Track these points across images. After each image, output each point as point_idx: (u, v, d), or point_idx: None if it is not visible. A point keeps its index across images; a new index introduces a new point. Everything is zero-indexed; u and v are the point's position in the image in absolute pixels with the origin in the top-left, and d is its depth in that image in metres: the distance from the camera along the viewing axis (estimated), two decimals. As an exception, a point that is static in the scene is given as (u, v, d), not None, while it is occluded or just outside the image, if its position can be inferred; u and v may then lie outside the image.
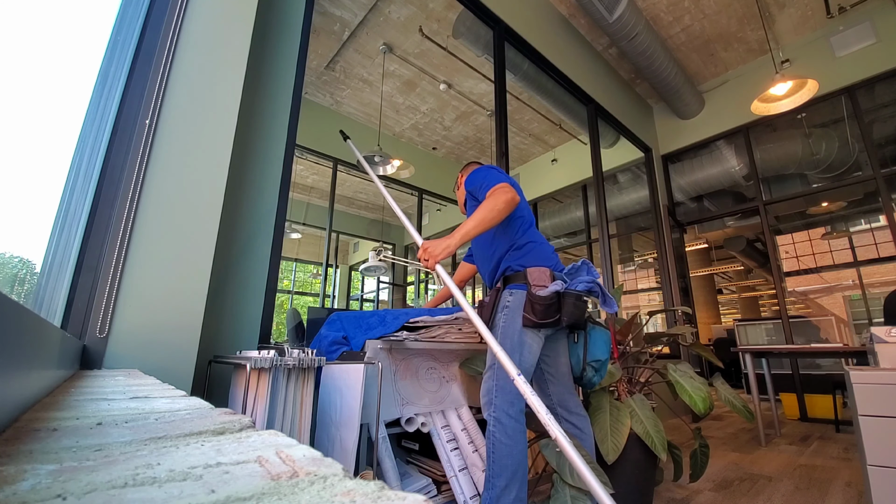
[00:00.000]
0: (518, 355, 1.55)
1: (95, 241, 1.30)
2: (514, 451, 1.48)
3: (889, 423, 1.64)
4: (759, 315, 13.37)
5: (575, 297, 1.60)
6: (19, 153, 1.07)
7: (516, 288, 1.65)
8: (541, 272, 1.65)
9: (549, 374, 1.78)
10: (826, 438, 3.59)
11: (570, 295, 1.60)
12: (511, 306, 1.62)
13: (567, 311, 1.59)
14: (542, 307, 1.56)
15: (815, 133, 5.28)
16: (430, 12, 4.23)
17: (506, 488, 1.44)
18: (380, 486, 0.24)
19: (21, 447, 0.33)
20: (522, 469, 1.49)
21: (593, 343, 1.74)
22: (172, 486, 0.25)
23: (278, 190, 1.94)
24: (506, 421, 1.50)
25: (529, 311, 1.58)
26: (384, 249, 3.73)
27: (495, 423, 1.51)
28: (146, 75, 1.46)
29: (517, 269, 1.70)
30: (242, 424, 0.44)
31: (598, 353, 1.73)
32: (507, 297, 1.66)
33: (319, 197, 7.28)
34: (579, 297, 1.62)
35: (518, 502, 1.45)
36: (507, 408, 1.51)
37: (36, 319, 0.54)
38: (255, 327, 1.76)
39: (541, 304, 1.56)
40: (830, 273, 10.56)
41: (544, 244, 1.79)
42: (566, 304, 1.60)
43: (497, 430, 1.50)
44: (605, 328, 1.79)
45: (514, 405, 1.52)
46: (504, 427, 1.49)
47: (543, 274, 1.64)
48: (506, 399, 1.52)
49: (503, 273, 1.75)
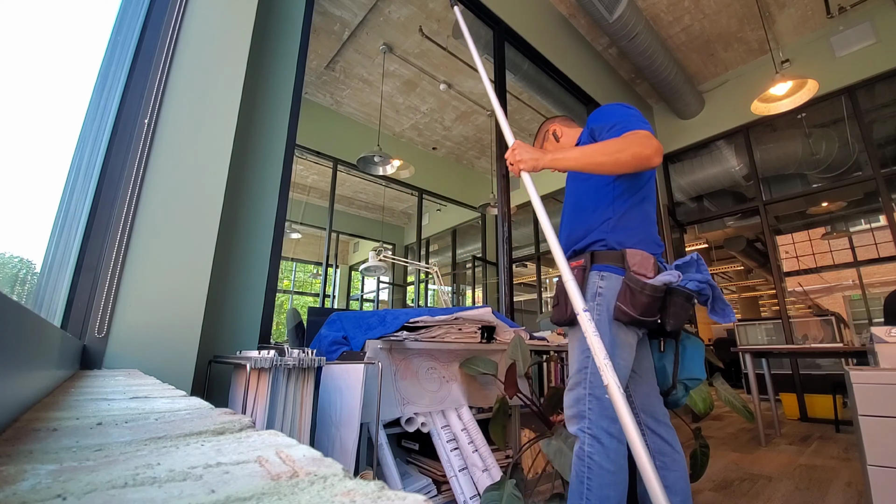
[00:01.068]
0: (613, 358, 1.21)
1: (95, 241, 1.30)
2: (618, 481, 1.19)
3: (889, 423, 1.64)
4: (759, 315, 13.36)
5: (685, 298, 1.27)
6: (19, 153, 1.07)
7: (610, 270, 1.31)
8: (644, 258, 1.31)
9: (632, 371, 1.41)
10: (826, 438, 3.59)
11: (679, 293, 1.26)
12: (605, 293, 1.30)
13: (673, 314, 1.26)
14: (648, 299, 1.22)
15: (815, 133, 5.28)
16: (430, 12, 4.23)
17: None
18: (380, 486, 0.24)
19: (21, 447, 0.33)
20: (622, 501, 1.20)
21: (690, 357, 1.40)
22: (172, 486, 0.25)
23: (278, 190, 1.94)
24: (607, 441, 1.21)
25: (627, 301, 1.25)
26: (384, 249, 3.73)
27: (592, 443, 1.21)
28: (146, 75, 1.46)
29: (613, 247, 1.35)
30: (242, 424, 0.44)
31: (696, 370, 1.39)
32: (597, 282, 1.32)
33: (319, 197, 7.28)
34: (689, 297, 1.27)
35: None
36: (608, 424, 1.21)
37: (36, 319, 0.54)
38: (255, 327, 1.76)
39: (647, 295, 1.23)
40: (830, 273, 10.56)
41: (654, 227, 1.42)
42: (674, 303, 1.26)
43: (596, 451, 1.20)
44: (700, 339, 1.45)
45: (615, 422, 1.21)
46: (606, 449, 1.20)
47: (647, 261, 1.31)
48: (604, 413, 1.22)
49: (589, 247, 1.39)
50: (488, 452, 1.86)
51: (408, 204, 8.03)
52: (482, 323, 2.17)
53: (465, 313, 2.07)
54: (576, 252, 1.44)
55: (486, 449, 1.87)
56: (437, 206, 7.81)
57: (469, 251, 8.25)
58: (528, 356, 1.94)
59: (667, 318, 1.26)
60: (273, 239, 1.88)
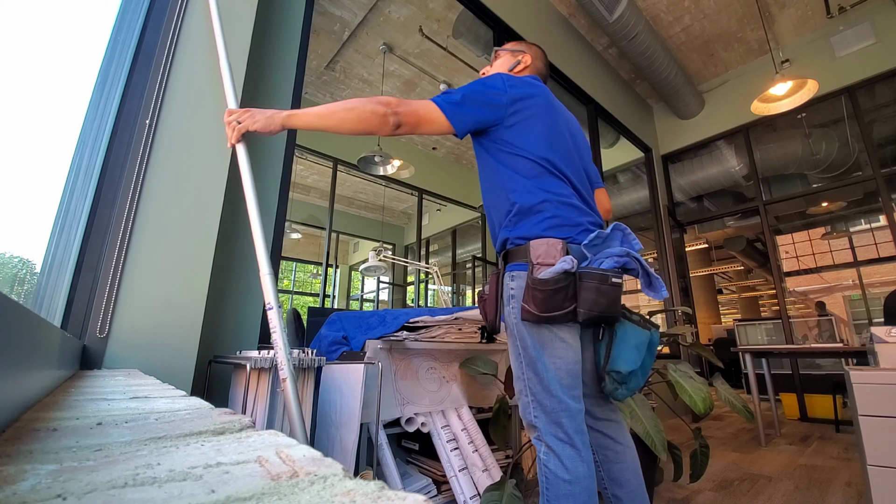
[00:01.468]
0: (543, 363, 1.15)
1: (95, 241, 1.30)
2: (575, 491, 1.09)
3: (889, 423, 1.64)
4: (759, 315, 13.37)
5: (598, 280, 1.11)
6: (20, 153, 1.07)
7: (518, 268, 1.20)
8: (549, 246, 1.16)
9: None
10: (826, 438, 3.59)
11: (590, 276, 1.11)
12: (516, 294, 1.19)
13: (586, 300, 1.10)
14: (544, 294, 1.10)
15: (815, 133, 5.29)
16: (430, 12, 4.23)
17: None
18: (380, 486, 0.24)
19: (21, 447, 0.33)
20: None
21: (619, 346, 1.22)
22: (172, 486, 0.25)
23: (278, 189, 1.94)
24: (558, 448, 1.12)
25: (529, 299, 1.13)
26: (384, 249, 3.73)
27: (547, 452, 1.15)
28: (146, 75, 1.46)
29: (518, 243, 1.22)
30: (242, 424, 0.44)
31: (619, 361, 1.20)
32: (508, 283, 1.23)
33: (319, 197, 7.29)
34: (605, 278, 1.11)
35: None
36: (556, 430, 1.13)
37: (36, 319, 0.54)
38: (255, 327, 1.76)
39: (541, 289, 1.11)
40: (830, 273, 10.56)
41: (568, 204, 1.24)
42: (584, 288, 1.11)
43: (549, 459, 1.13)
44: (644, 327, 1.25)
45: (561, 426, 1.12)
46: (558, 457, 1.12)
47: (553, 248, 1.16)
48: (550, 419, 1.14)
49: (504, 246, 1.28)
50: (488, 452, 1.86)
51: (408, 204, 8.03)
52: (482, 323, 2.17)
53: (465, 313, 2.07)
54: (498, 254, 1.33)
55: (486, 449, 1.87)
56: (437, 206, 7.81)
57: (469, 251, 8.25)
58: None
59: (578, 306, 1.11)
60: (273, 238, 1.88)
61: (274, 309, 1.14)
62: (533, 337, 1.17)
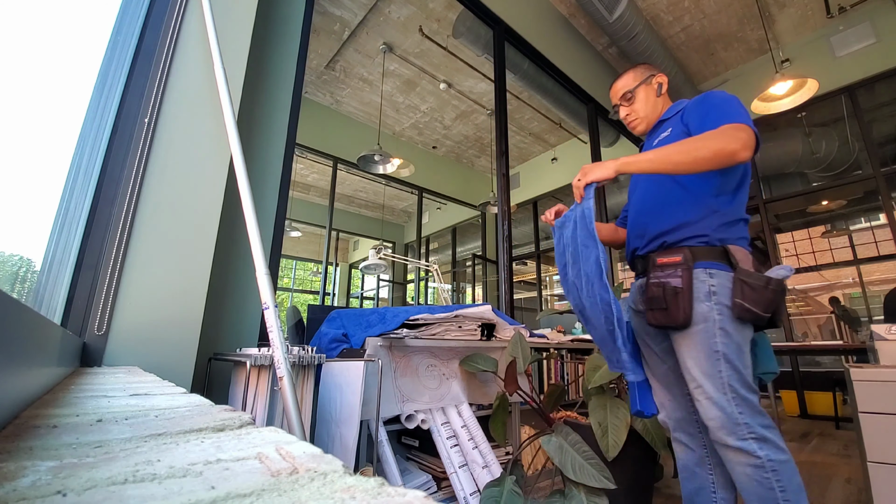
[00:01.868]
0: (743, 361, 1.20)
1: (95, 239, 1.30)
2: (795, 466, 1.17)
3: (889, 420, 1.65)
4: (759, 313, 13.35)
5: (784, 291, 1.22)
6: (20, 152, 1.07)
7: (716, 267, 1.24)
8: (745, 255, 1.25)
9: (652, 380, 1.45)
10: (826, 435, 3.60)
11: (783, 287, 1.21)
12: (719, 291, 1.22)
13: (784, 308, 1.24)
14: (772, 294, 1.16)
15: (815, 132, 5.28)
16: (430, 12, 4.23)
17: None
18: (380, 483, 0.24)
19: (21, 444, 0.33)
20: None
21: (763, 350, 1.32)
22: (172, 483, 0.25)
23: (278, 188, 1.94)
24: (772, 436, 1.16)
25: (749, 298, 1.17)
26: (384, 247, 3.73)
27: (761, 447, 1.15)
28: (146, 75, 1.46)
29: (714, 244, 1.27)
30: (242, 421, 0.44)
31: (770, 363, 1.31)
32: (707, 280, 1.23)
33: (319, 195, 7.29)
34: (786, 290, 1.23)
35: None
36: (761, 419, 1.17)
37: (36, 317, 0.54)
38: (255, 325, 1.77)
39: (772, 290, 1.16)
40: (830, 271, 10.56)
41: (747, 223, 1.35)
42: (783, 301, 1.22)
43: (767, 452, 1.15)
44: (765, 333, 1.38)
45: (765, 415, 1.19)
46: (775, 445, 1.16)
47: (748, 259, 1.25)
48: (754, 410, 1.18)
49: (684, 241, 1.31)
50: (488, 449, 1.87)
51: (408, 202, 8.03)
52: (482, 320, 2.17)
53: (465, 311, 2.07)
54: (666, 245, 1.34)
55: (486, 445, 1.87)
56: (437, 205, 7.81)
57: (469, 249, 8.25)
58: (529, 353, 1.94)
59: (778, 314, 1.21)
60: (273, 237, 1.88)
61: (270, 308, 1.14)
62: (737, 335, 1.20)
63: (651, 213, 1.42)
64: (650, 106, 1.56)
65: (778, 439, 1.16)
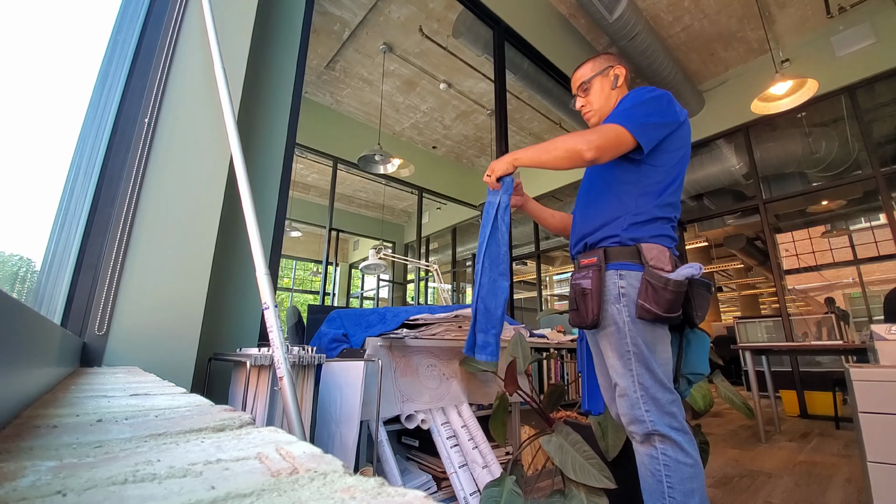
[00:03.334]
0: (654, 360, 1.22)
1: (95, 239, 1.30)
2: (698, 472, 1.17)
3: (889, 420, 1.65)
4: (759, 313, 13.37)
5: (706, 288, 1.25)
6: (20, 152, 1.07)
7: (627, 268, 1.25)
8: (660, 252, 1.24)
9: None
10: (826, 435, 3.60)
11: (700, 284, 1.24)
12: (628, 292, 1.24)
13: (699, 306, 1.24)
14: (672, 295, 1.17)
15: (815, 132, 5.28)
16: (430, 12, 4.23)
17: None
18: (380, 483, 0.24)
19: (21, 444, 0.33)
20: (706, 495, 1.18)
21: (694, 351, 1.36)
22: (172, 483, 0.25)
23: (278, 188, 1.94)
24: (675, 436, 1.17)
25: (650, 298, 1.19)
26: (384, 247, 3.73)
27: (662, 442, 1.18)
28: (146, 74, 1.46)
29: (627, 244, 1.27)
30: (242, 421, 0.44)
31: (700, 364, 1.34)
32: (617, 282, 1.25)
33: (319, 195, 7.29)
34: (709, 287, 1.26)
35: None
36: (669, 420, 1.19)
37: (36, 317, 0.54)
38: (255, 325, 1.77)
39: (671, 291, 1.17)
40: (830, 271, 10.57)
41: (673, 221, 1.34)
42: (698, 295, 1.23)
43: (667, 450, 1.17)
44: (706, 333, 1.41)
45: (675, 416, 1.20)
46: (676, 444, 1.17)
47: (663, 255, 1.24)
48: (662, 408, 1.19)
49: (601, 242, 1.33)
50: (488, 449, 1.87)
51: (408, 202, 8.03)
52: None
53: (465, 311, 2.07)
54: (588, 246, 1.37)
55: (486, 445, 1.87)
56: (437, 205, 7.81)
57: (469, 249, 8.25)
58: (528, 353, 1.94)
59: (693, 311, 1.23)
60: (273, 237, 1.88)
61: (270, 309, 1.14)
62: (646, 335, 1.22)
63: (581, 214, 1.46)
64: (604, 98, 1.55)
65: (684, 441, 1.18)
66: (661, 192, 1.31)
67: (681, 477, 1.15)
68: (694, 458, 1.17)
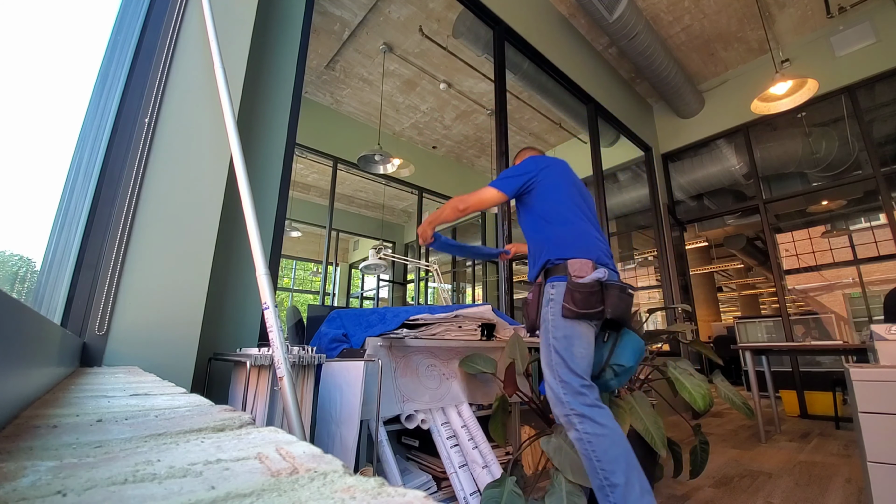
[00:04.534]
0: (571, 351, 1.48)
1: (95, 239, 1.30)
2: (616, 438, 1.34)
3: (889, 420, 1.65)
4: (759, 313, 13.37)
5: (619, 289, 1.54)
6: (20, 152, 1.07)
7: (557, 280, 1.58)
8: (582, 263, 1.57)
9: None
10: (826, 435, 3.60)
11: (613, 286, 1.54)
12: (555, 298, 1.55)
13: (611, 303, 1.52)
14: (583, 296, 1.49)
15: (815, 132, 5.28)
16: (430, 12, 4.23)
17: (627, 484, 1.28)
18: (380, 483, 0.24)
19: (21, 444, 0.33)
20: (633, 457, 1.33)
21: (622, 347, 1.64)
22: (172, 483, 0.25)
23: (278, 188, 1.94)
24: (589, 412, 1.38)
25: (570, 300, 1.50)
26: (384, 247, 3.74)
27: (580, 421, 1.38)
28: (146, 74, 1.46)
29: (556, 263, 1.62)
30: (242, 421, 0.44)
31: (623, 358, 1.62)
32: (549, 291, 1.59)
33: (319, 195, 7.28)
34: (623, 289, 1.56)
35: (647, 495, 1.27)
36: (581, 399, 1.41)
37: (36, 317, 0.54)
38: (255, 325, 1.77)
39: (581, 292, 1.49)
40: (830, 271, 10.56)
41: (587, 235, 1.68)
42: (610, 295, 1.53)
43: (584, 426, 1.37)
44: (640, 339, 1.67)
45: (587, 395, 1.42)
46: (590, 420, 1.37)
47: (585, 265, 1.56)
48: (575, 391, 1.42)
49: (544, 266, 1.68)
50: (488, 449, 1.87)
51: (408, 202, 8.02)
52: (482, 321, 2.17)
53: (465, 311, 2.07)
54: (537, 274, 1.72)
55: (486, 445, 1.87)
56: (437, 205, 7.80)
57: (469, 250, 8.22)
58: (527, 354, 1.94)
59: (606, 307, 1.51)
60: (273, 237, 1.88)
61: (270, 308, 1.14)
62: (566, 330, 1.51)
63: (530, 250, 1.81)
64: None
65: (597, 416, 1.38)
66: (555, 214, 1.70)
67: (603, 447, 1.33)
68: (609, 428, 1.36)
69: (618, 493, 1.27)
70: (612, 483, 1.28)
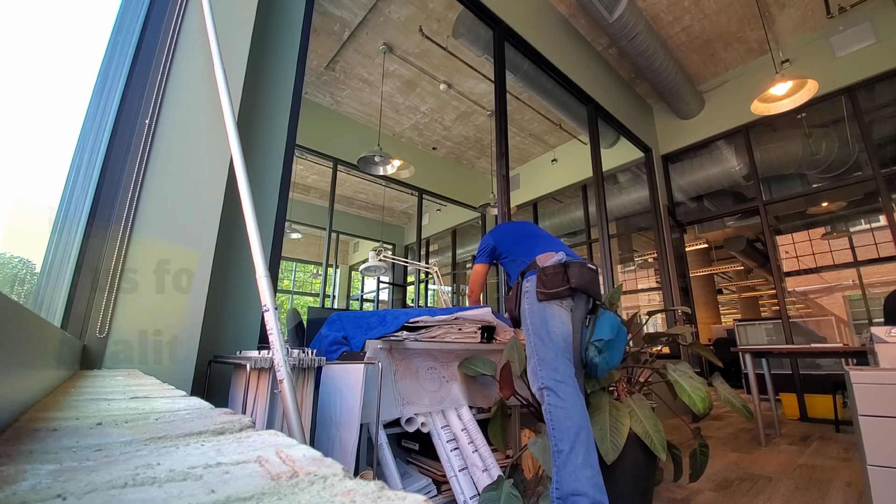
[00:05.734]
0: (546, 329, 1.66)
1: (95, 241, 1.30)
2: (572, 413, 1.49)
3: (889, 423, 1.64)
4: (759, 315, 13.36)
5: (580, 265, 1.77)
6: (20, 153, 1.07)
7: (530, 274, 1.82)
8: (546, 255, 1.85)
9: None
10: (826, 438, 3.59)
11: (575, 263, 1.77)
12: (529, 290, 1.78)
13: (574, 275, 1.73)
14: (549, 277, 1.72)
15: (815, 133, 5.28)
16: (430, 12, 4.23)
17: (571, 452, 1.42)
18: (380, 486, 0.24)
19: (21, 447, 0.33)
20: (586, 431, 1.48)
21: (600, 325, 1.80)
22: (172, 486, 0.25)
23: (278, 190, 1.94)
24: (555, 386, 1.55)
25: (541, 285, 1.73)
26: (384, 249, 3.73)
27: (547, 393, 1.55)
28: (146, 75, 1.46)
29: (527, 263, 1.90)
30: (242, 424, 0.44)
31: (601, 332, 1.77)
32: (525, 285, 1.83)
33: (319, 197, 7.28)
34: (583, 264, 1.78)
35: (588, 468, 1.40)
36: (553, 374, 1.58)
37: (36, 319, 0.54)
38: (255, 327, 1.76)
39: (547, 273, 1.73)
40: (830, 273, 10.56)
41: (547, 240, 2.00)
42: (572, 270, 1.74)
43: (549, 398, 1.54)
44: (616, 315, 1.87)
45: (559, 371, 1.59)
46: (554, 392, 1.54)
47: (548, 255, 1.84)
48: (549, 366, 1.60)
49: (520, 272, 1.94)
50: (488, 452, 1.86)
51: (408, 204, 8.02)
52: (482, 323, 2.17)
53: (465, 313, 2.07)
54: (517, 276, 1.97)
55: (487, 449, 1.87)
56: (437, 206, 7.81)
57: (469, 251, 8.24)
58: (524, 356, 1.94)
59: (570, 279, 1.73)
60: (273, 239, 1.88)
61: (270, 311, 1.14)
62: (540, 312, 1.71)
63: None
64: None
65: (561, 390, 1.54)
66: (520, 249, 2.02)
67: (559, 418, 1.49)
68: (569, 402, 1.52)
69: (561, 458, 1.42)
70: (559, 449, 1.44)
